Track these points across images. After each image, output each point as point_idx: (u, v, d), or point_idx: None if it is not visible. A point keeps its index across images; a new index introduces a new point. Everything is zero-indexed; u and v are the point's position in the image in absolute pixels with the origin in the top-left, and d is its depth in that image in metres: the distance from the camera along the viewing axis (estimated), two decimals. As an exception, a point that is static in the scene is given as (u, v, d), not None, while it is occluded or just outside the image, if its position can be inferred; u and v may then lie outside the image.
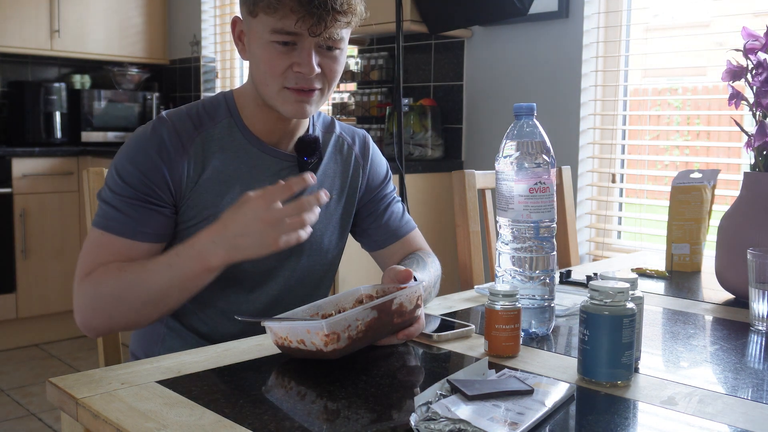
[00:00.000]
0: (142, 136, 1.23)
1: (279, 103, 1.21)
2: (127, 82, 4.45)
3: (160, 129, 1.22)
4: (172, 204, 1.23)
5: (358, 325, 0.99)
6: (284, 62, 1.18)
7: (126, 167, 1.20)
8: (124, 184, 1.19)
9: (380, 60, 3.30)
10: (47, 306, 3.84)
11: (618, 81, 2.72)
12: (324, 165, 1.35)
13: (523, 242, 1.12)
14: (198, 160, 1.23)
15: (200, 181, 1.23)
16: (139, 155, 1.20)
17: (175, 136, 1.22)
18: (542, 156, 1.12)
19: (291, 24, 1.14)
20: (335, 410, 0.85)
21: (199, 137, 1.24)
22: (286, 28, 1.15)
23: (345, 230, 1.40)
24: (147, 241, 1.20)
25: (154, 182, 1.19)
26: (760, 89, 1.37)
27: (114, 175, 1.21)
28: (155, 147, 1.20)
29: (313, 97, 1.22)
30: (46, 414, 2.95)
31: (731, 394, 0.92)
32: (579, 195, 2.76)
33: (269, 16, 1.15)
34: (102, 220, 1.20)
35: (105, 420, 0.82)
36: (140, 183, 1.19)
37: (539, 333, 1.15)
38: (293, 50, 1.17)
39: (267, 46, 1.18)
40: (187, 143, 1.22)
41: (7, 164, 3.67)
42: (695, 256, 1.72)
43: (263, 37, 1.17)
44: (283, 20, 1.14)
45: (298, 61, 1.17)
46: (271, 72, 1.19)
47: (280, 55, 1.17)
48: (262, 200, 1.07)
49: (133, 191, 1.19)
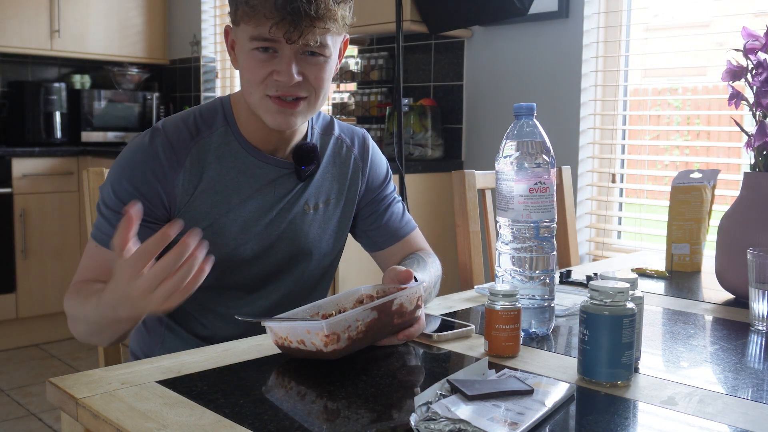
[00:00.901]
0: (136, 150, 1.22)
1: (262, 113, 1.20)
2: (127, 82, 4.45)
3: (154, 142, 1.21)
4: (167, 220, 1.22)
5: (358, 325, 0.99)
6: (264, 70, 1.16)
7: (120, 183, 1.20)
8: (117, 200, 1.19)
9: (380, 60, 3.30)
10: (47, 306, 3.84)
11: (618, 81, 2.71)
12: (322, 169, 1.34)
13: (523, 242, 1.12)
14: (194, 171, 1.22)
15: (196, 192, 1.22)
16: (133, 171, 1.20)
17: (170, 149, 1.21)
18: (542, 156, 1.12)
19: (266, 30, 1.13)
20: (335, 410, 0.86)
21: (195, 147, 1.23)
22: (262, 35, 1.14)
23: (343, 233, 1.40)
24: None
25: (148, 199, 1.19)
26: (760, 89, 1.37)
27: (109, 189, 1.21)
28: (149, 163, 1.20)
29: (298, 108, 1.19)
30: (46, 414, 2.95)
31: (731, 394, 0.92)
32: (579, 195, 2.76)
33: (247, 24, 1.15)
34: (97, 232, 1.22)
35: (105, 420, 0.82)
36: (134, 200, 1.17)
37: (539, 333, 1.15)
38: (274, 57, 1.16)
39: (249, 54, 1.17)
40: (182, 155, 1.21)
41: (7, 164, 3.67)
42: (695, 256, 1.72)
43: (245, 45, 1.17)
44: (259, 27, 1.13)
45: (278, 68, 1.16)
46: (253, 79, 1.18)
47: (260, 63, 1.16)
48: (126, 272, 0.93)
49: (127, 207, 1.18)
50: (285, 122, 1.20)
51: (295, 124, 1.22)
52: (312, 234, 1.33)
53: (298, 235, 1.31)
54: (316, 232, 1.33)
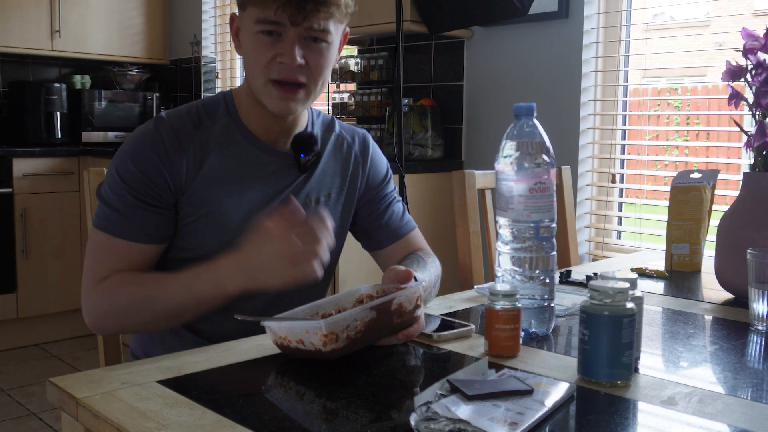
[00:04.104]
0: (140, 136, 1.24)
1: (265, 98, 1.23)
2: (127, 82, 4.45)
3: (158, 128, 1.23)
4: (173, 205, 1.24)
5: (357, 325, 0.99)
6: (269, 52, 1.19)
7: (126, 167, 1.21)
8: (124, 185, 1.20)
9: (380, 60, 3.30)
10: (47, 306, 3.84)
11: (618, 81, 2.72)
12: (323, 164, 1.35)
13: (523, 242, 1.12)
14: (196, 157, 1.24)
15: (198, 178, 1.23)
16: (139, 155, 1.21)
17: (173, 135, 1.23)
18: (542, 156, 1.12)
19: (272, 13, 1.16)
20: (335, 410, 0.86)
21: (198, 135, 1.25)
22: (268, 17, 1.17)
23: (344, 229, 1.40)
24: (151, 243, 1.22)
25: (154, 182, 1.20)
26: (760, 89, 1.37)
27: (114, 175, 1.22)
28: (154, 146, 1.21)
29: (298, 95, 1.22)
30: (46, 414, 2.95)
31: (731, 394, 0.92)
32: (579, 195, 2.76)
33: (254, 7, 1.18)
34: (105, 222, 1.21)
35: (105, 420, 0.82)
36: (140, 183, 1.20)
37: (539, 333, 1.15)
38: (278, 41, 1.19)
39: (254, 38, 1.20)
40: (185, 141, 1.23)
41: (7, 164, 3.67)
42: (695, 256, 1.72)
43: (251, 28, 1.20)
44: (266, 9, 1.17)
45: (282, 51, 1.19)
46: (257, 63, 1.21)
47: (265, 46, 1.19)
48: (284, 236, 1.06)
49: (134, 192, 1.20)
50: (286, 107, 1.22)
51: (296, 110, 1.24)
52: None
53: None
54: None
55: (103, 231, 1.21)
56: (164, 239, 1.24)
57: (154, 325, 1.21)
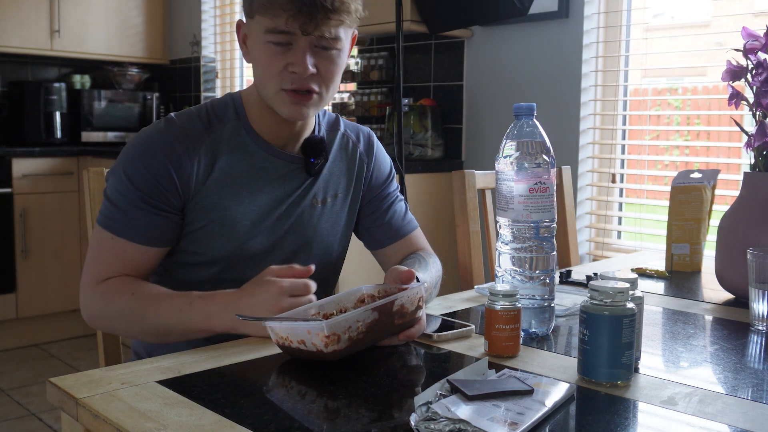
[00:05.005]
0: (150, 136, 1.22)
1: (277, 105, 1.22)
2: (127, 82, 4.45)
3: (170, 129, 1.22)
4: (180, 209, 1.23)
5: (359, 326, 0.99)
6: (280, 62, 1.18)
7: (134, 167, 1.20)
8: (131, 186, 1.19)
9: (380, 60, 3.30)
10: (47, 306, 3.84)
11: (618, 81, 2.71)
12: (330, 164, 1.35)
13: (523, 242, 1.12)
14: (207, 160, 1.23)
15: (208, 182, 1.23)
16: (149, 157, 1.20)
17: (185, 137, 1.22)
18: (542, 156, 1.12)
19: (282, 22, 1.14)
20: (335, 410, 0.86)
21: (209, 138, 1.24)
22: (278, 27, 1.15)
23: (350, 229, 1.41)
24: (154, 246, 1.22)
25: (162, 185, 1.19)
26: (760, 89, 1.37)
27: (121, 174, 1.20)
28: (165, 148, 1.20)
29: (311, 101, 1.21)
30: (46, 414, 2.95)
31: (731, 394, 0.92)
32: (579, 195, 2.76)
33: (263, 16, 1.16)
34: (110, 222, 1.20)
35: (105, 420, 0.82)
36: (148, 185, 1.19)
37: (539, 333, 1.15)
38: (289, 50, 1.18)
39: (264, 47, 1.19)
40: (197, 144, 1.22)
41: (7, 164, 3.67)
42: (695, 256, 1.72)
43: (260, 37, 1.18)
44: (275, 19, 1.15)
45: (293, 60, 1.17)
46: (268, 73, 1.19)
47: (275, 56, 1.18)
48: (284, 289, 1.09)
49: (141, 193, 1.19)
50: (299, 113, 1.22)
51: (308, 115, 1.24)
52: (320, 228, 1.33)
53: (306, 229, 1.32)
54: (324, 225, 1.34)
55: (106, 229, 1.20)
56: (167, 243, 1.23)
57: (143, 336, 1.23)
